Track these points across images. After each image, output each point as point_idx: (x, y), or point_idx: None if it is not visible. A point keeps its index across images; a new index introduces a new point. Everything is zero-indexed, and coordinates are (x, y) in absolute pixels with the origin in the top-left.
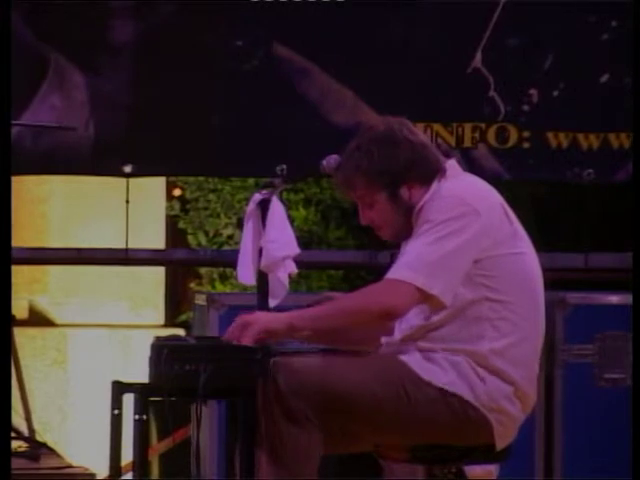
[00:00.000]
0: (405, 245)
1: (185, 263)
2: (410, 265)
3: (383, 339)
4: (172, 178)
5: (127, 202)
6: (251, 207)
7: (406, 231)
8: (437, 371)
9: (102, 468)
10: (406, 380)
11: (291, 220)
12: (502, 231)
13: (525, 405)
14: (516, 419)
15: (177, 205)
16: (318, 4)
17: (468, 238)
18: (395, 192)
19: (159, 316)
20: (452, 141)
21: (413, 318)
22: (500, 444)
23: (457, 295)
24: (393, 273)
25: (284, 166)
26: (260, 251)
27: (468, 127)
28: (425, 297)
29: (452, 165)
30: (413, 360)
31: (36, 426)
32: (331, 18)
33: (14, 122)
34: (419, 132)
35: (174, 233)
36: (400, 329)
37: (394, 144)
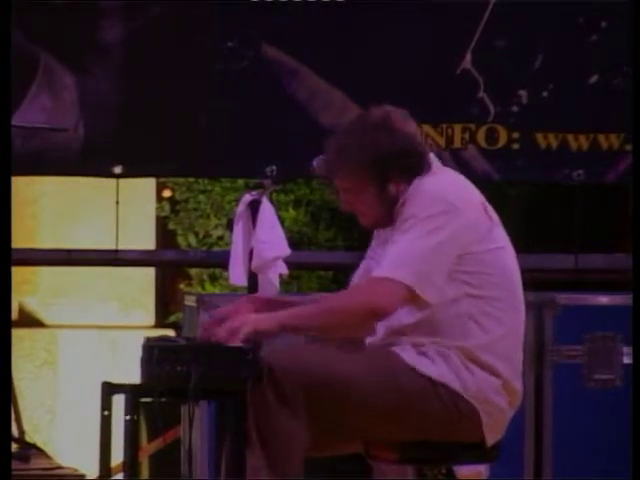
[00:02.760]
0: (379, 232)
1: (175, 264)
2: (396, 263)
3: (367, 339)
4: (162, 179)
5: (117, 203)
6: (241, 208)
7: (387, 219)
8: (427, 363)
9: (92, 469)
10: (397, 370)
11: (281, 221)
12: (481, 228)
13: (513, 399)
14: (504, 412)
15: (167, 206)
16: (308, 5)
17: (450, 235)
18: (384, 186)
19: (149, 317)
20: (442, 142)
21: (400, 314)
22: (490, 438)
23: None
24: (379, 271)
25: (274, 167)
26: (251, 252)
27: (458, 128)
28: (412, 295)
29: (433, 159)
30: (404, 351)
31: (26, 427)
32: (321, 19)
33: None
34: (413, 123)
35: (164, 234)
36: (384, 325)
37: (390, 131)
